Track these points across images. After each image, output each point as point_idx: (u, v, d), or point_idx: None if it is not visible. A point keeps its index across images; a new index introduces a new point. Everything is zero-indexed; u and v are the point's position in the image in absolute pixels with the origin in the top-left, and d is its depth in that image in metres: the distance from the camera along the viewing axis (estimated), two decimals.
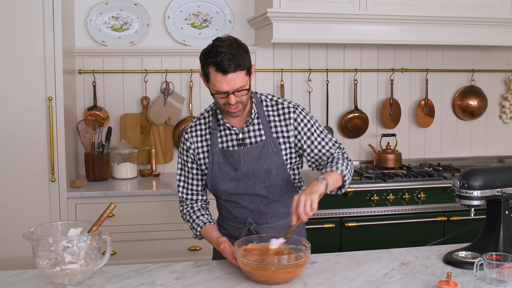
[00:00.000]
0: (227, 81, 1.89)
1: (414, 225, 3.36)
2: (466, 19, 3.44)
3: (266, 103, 2.10)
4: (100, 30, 3.56)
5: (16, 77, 2.98)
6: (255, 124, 2.07)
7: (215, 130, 2.09)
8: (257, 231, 2.11)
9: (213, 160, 2.08)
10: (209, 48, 1.92)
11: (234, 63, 1.87)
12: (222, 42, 1.90)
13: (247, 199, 2.10)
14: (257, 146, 2.05)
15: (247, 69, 1.93)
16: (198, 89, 3.71)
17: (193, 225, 2.12)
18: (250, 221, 2.12)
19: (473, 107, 4.07)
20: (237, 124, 2.08)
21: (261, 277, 1.77)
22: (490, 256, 1.79)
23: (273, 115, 2.08)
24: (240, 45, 1.93)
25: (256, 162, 2.05)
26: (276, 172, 2.06)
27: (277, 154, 2.06)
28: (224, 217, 2.19)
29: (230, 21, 3.69)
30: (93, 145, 3.40)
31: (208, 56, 1.90)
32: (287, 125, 2.07)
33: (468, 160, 4.08)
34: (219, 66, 1.87)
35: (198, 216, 2.12)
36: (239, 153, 2.05)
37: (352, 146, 3.95)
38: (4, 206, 3.01)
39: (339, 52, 3.87)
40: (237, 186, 2.08)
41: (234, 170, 2.06)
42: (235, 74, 1.89)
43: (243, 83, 1.92)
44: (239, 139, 2.07)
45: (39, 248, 1.73)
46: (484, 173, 1.98)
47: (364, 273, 1.90)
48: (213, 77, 1.91)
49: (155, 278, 1.86)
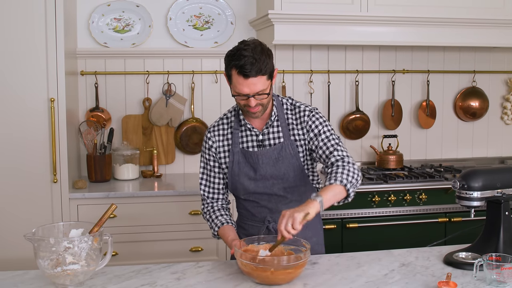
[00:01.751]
0: (248, 84, 1.93)
1: (415, 226, 3.36)
2: (467, 20, 3.44)
3: (287, 106, 2.15)
4: (102, 31, 3.57)
5: (19, 79, 2.99)
6: (274, 126, 2.11)
7: (237, 130, 2.13)
8: (275, 229, 2.12)
9: (234, 159, 2.12)
10: (234, 51, 1.95)
11: (256, 68, 1.90)
12: (246, 46, 1.93)
13: (266, 198, 2.13)
14: (275, 148, 2.09)
15: (268, 73, 1.96)
16: (200, 90, 3.71)
17: (211, 225, 2.17)
18: (269, 219, 2.15)
19: (475, 108, 4.07)
20: (257, 126, 2.13)
21: (260, 278, 1.78)
22: (490, 257, 1.79)
23: (291, 118, 2.13)
24: (264, 49, 1.96)
25: (274, 164, 2.09)
26: (293, 174, 2.10)
27: (295, 157, 2.09)
28: (243, 216, 2.23)
29: (231, 22, 3.70)
30: (95, 146, 3.41)
31: (232, 58, 1.94)
32: (303, 128, 2.11)
33: (469, 161, 4.08)
34: (241, 69, 1.91)
35: (217, 216, 2.16)
36: (257, 154, 2.09)
37: (353, 147, 3.95)
38: (6, 207, 3.02)
39: (341, 54, 3.88)
40: (256, 186, 2.12)
41: (254, 171, 2.11)
42: (256, 79, 1.92)
43: (263, 87, 1.96)
44: (259, 141, 2.11)
45: (41, 248, 1.74)
46: (484, 174, 1.98)
47: (364, 274, 1.90)
48: (235, 80, 1.95)
49: (156, 279, 1.87)
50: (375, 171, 3.65)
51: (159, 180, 3.51)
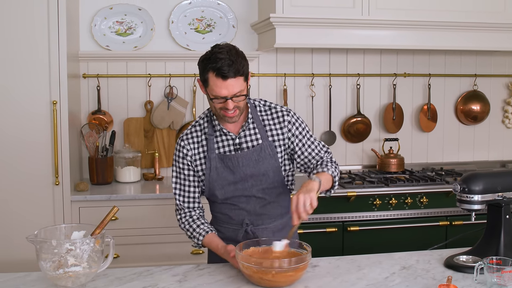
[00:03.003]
0: (226, 86, 1.94)
1: (416, 229, 3.36)
2: (468, 24, 3.45)
3: (260, 108, 2.16)
4: (105, 34, 3.58)
5: (21, 81, 3.01)
6: (250, 128, 2.12)
7: (211, 136, 2.12)
8: (253, 232, 2.14)
9: (211, 165, 2.10)
10: (208, 54, 1.97)
11: (233, 69, 1.93)
12: (221, 49, 1.96)
13: (244, 201, 2.12)
14: (255, 150, 2.09)
15: (245, 75, 1.99)
16: (202, 93, 3.72)
17: (193, 234, 2.14)
18: (247, 222, 2.14)
19: (476, 111, 4.07)
20: (232, 130, 2.12)
21: (262, 281, 1.78)
22: (490, 260, 1.79)
23: (267, 119, 2.14)
24: (239, 52, 1.99)
25: (254, 165, 2.09)
26: (272, 174, 2.11)
27: (274, 157, 2.11)
28: (219, 220, 2.20)
29: (233, 26, 3.72)
30: (97, 148, 3.42)
31: (208, 62, 1.95)
32: (282, 128, 2.12)
33: (470, 165, 4.08)
34: (219, 71, 1.92)
35: (198, 225, 2.14)
36: (237, 157, 2.09)
37: (354, 150, 3.96)
38: (8, 209, 3.03)
39: (342, 57, 3.88)
40: (234, 189, 2.11)
41: (233, 173, 2.09)
42: (234, 80, 1.94)
43: (241, 89, 1.97)
44: (236, 144, 2.10)
45: (43, 250, 1.75)
46: (485, 177, 1.99)
47: (365, 277, 1.91)
48: (212, 82, 1.96)
49: (157, 281, 1.87)
50: (376, 174, 3.65)
51: (161, 183, 3.51)
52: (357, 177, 3.57)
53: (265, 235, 2.12)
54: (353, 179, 3.49)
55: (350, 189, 3.28)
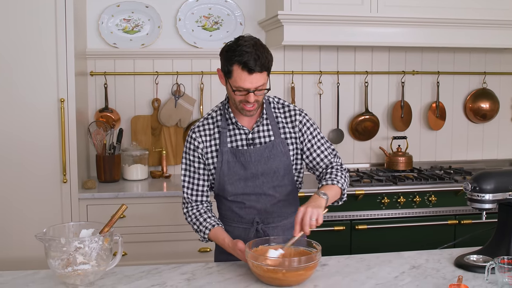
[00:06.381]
0: (251, 79, 1.93)
1: (425, 228, 3.34)
2: (477, 21, 3.43)
3: (274, 105, 2.15)
4: (112, 32, 3.58)
5: (29, 79, 3.01)
6: (264, 124, 2.11)
7: (225, 129, 2.10)
8: (264, 231, 2.12)
9: (223, 159, 2.09)
10: (233, 46, 1.95)
11: (260, 64, 1.92)
12: (246, 42, 1.94)
13: (254, 199, 2.11)
14: (267, 146, 2.08)
15: (269, 69, 1.99)
16: (209, 91, 3.72)
17: (200, 228, 2.11)
18: (258, 221, 2.12)
19: (485, 109, 4.05)
20: (246, 124, 2.11)
21: (271, 279, 1.78)
22: (502, 260, 1.77)
23: (280, 117, 2.13)
24: (264, 46, 1.98)
25: (266, 162, 2.08)
26: (283, 172, 2.10)
27: (285, 155, 2.10)
28: (228, 218, 2.18)
29: (241, 23, 3.70)
30: (105, 146, 3.42)
31: (233, 54, 1.93)
32: (294, 127, 2.12)
33: (479, 163, 4.05)
34: (246, 65, 1.91)
35: (205, 218, 2.11)
36: (250, 152, 2.07)
37: (362, 148, 3.94)
38: (17, 207, 3.04)
39: (350, 54, 3.87)
40: (244, 186, 2.09)
41: (244, 169, 2.08)
42: (260, 74, 1.94)
43: (264, 82, 1.97)
44: (249, 139, 2.09)
45: (52, 248, 1.75)
46: (496, 176, 1.97)
47: (374, 276, 1.90)
48: (236, 75, 1.94)
49: (166, 280, 1.87)
50: (384, 172, 3.63)
51: (168, 181, 3.51)
52: (365, 175, 3.56)
53: (276, 233, 2.11)
54: (361, 177, 3.48)
55: (358, 187, 3.27)
